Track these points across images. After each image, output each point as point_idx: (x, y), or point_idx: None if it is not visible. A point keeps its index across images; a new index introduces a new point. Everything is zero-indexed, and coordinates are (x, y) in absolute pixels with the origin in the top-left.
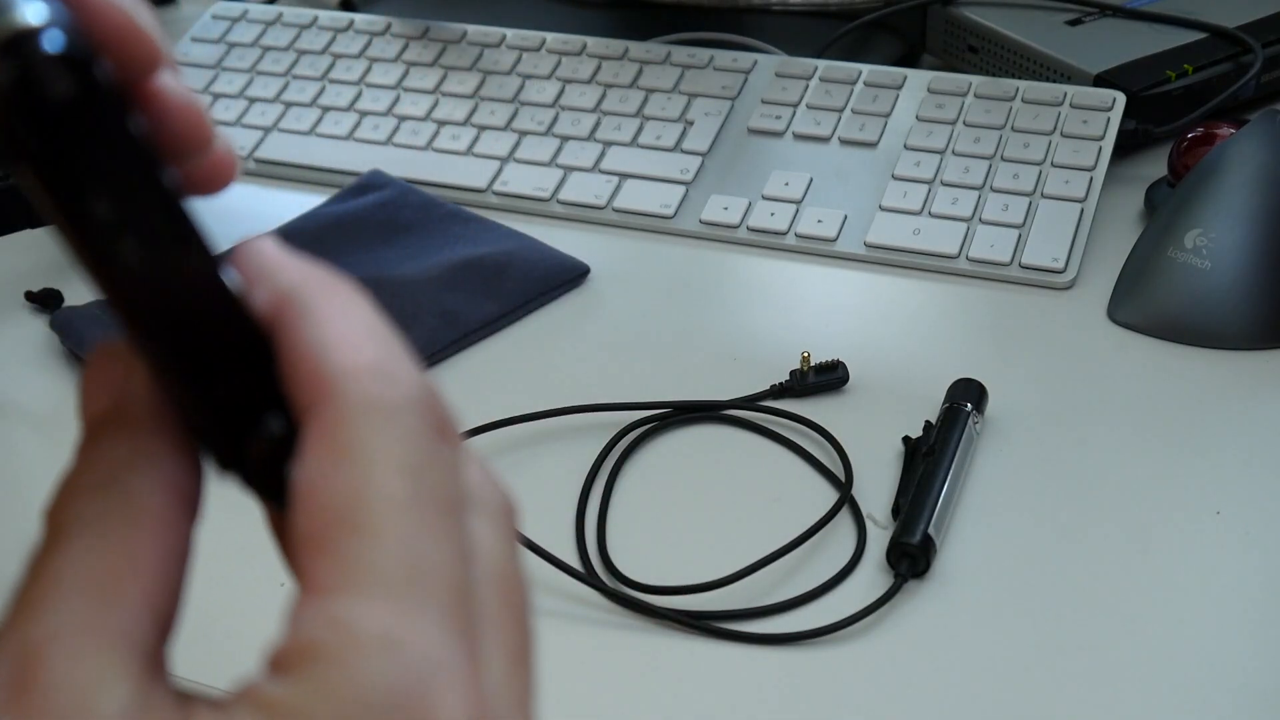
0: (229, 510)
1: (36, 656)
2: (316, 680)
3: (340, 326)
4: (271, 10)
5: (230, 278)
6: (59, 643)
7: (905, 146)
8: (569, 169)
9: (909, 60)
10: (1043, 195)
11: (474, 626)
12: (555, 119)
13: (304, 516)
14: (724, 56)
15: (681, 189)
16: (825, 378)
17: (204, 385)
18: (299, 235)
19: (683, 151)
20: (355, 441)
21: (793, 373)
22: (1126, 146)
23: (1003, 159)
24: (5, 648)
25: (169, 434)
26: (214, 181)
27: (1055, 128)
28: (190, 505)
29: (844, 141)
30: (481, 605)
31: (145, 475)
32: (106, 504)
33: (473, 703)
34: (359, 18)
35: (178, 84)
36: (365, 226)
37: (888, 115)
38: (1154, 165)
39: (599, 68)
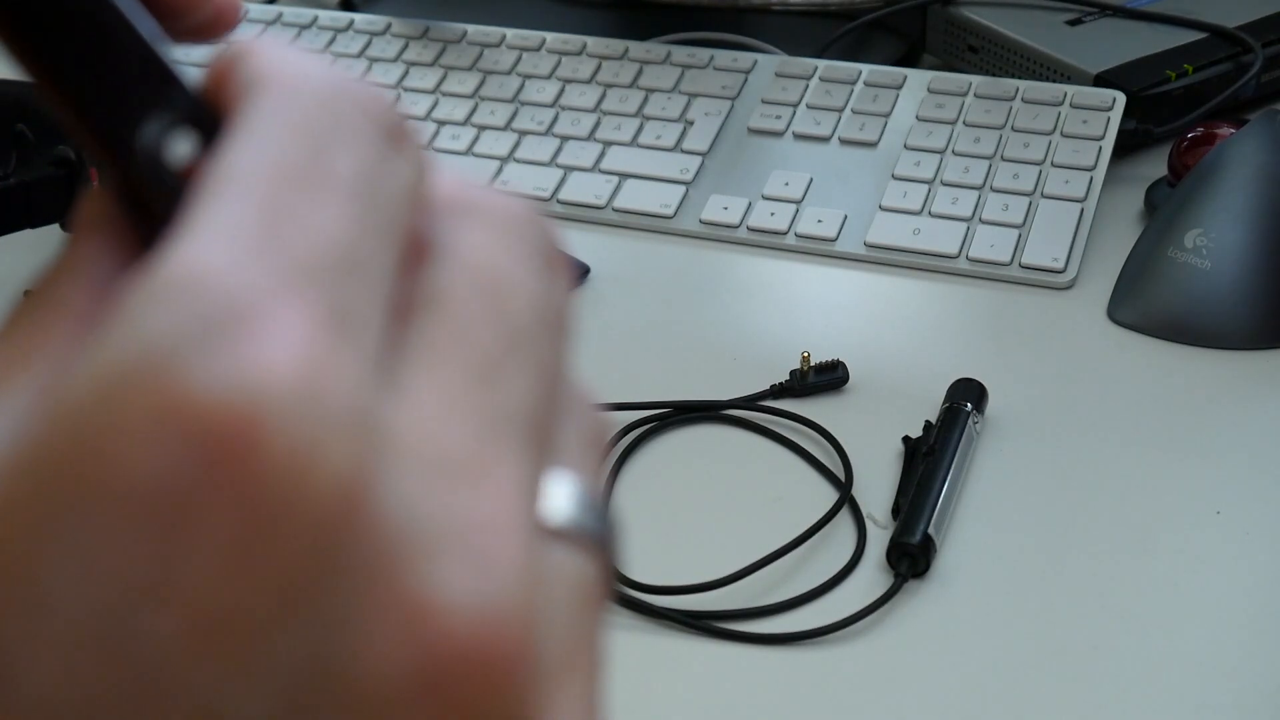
0: None
1: None
2: (90, 342)
3: (275, 53)
4: (271, 10)
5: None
6: None
7: (905, 146)
8: (569, 169)
9: (909, 60)
10: (1043, 195)
11: (357, 315)
12: (555, 119)
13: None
14: (724, 56)
15: (681, 189)
16: (825, 378)
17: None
18: None
19: (683, 151)
20: (259, 117)
21: (793, 373)
22: (1126, 146)
23: (1003, 159)
24: None
25: (117, 241)
26: (216, 25)
27: (1055, 128)
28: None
29: (844, 141)
30: (438, 304)
31: (76, 276)
32: (27, 307)
33: (306, 359)
34: (359, 17)
35: None
36: None
37: (888, 115)
38: (1154, 165)
39: (599, 68)
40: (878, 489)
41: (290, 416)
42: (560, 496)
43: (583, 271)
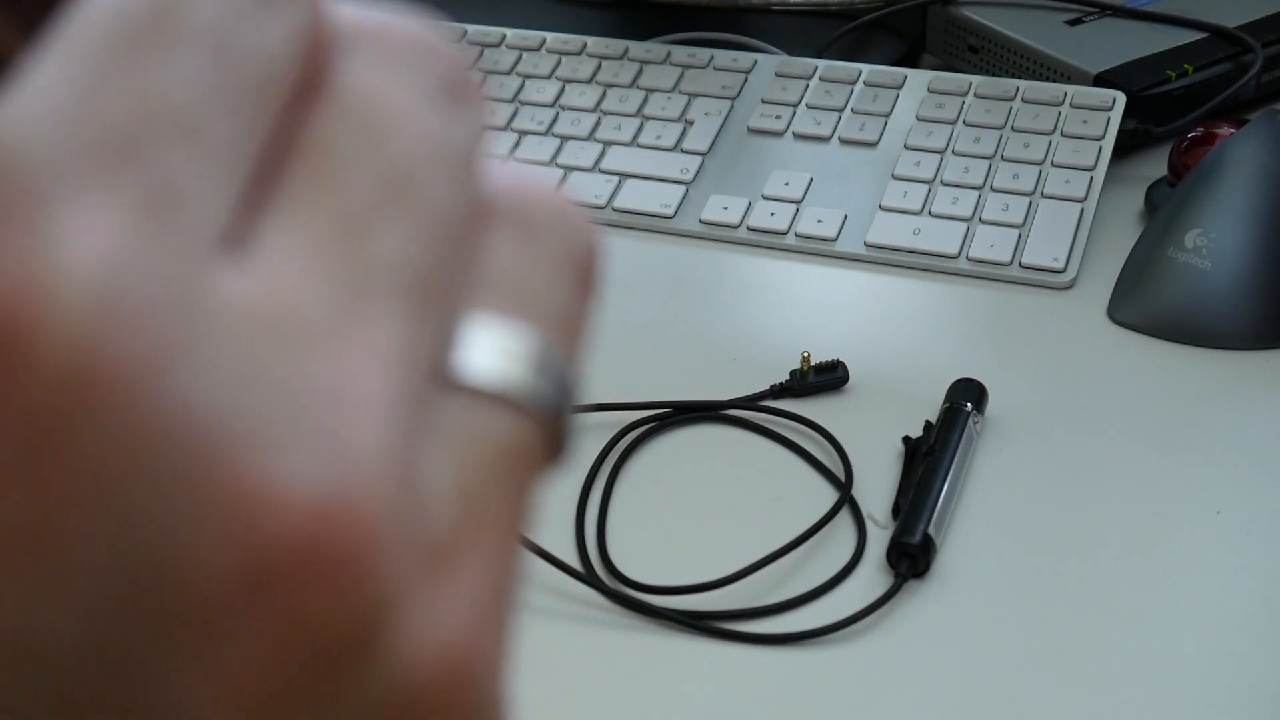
0: None
1: None
2: None
3: None
4: None
5: None
6: None
7: (905, 146)
8: (569, 169)
9: (909, 60)
10: (1043, 195)
11: (194, 186)
12: (555, 119)
13: None
14: (724, 56)
15: (681, 189)
16: (825, 378)
17: None
18: None
19: (683, 151)
20: None
21: (793, 373)
22: (1126, 146)
23: (1003, 159)
24: None
25: None
26: None
27: (1055, 128)
28: None
29: (844, 141)
30: (309, 150)
31: None
32: None
33: (80, 227)
34: None
35: None
36: None
37: (888, 115)
38: (1154, 165)
39: (599, 68)
40: (878, 489)
41: (76, 303)
42: (480, 349)
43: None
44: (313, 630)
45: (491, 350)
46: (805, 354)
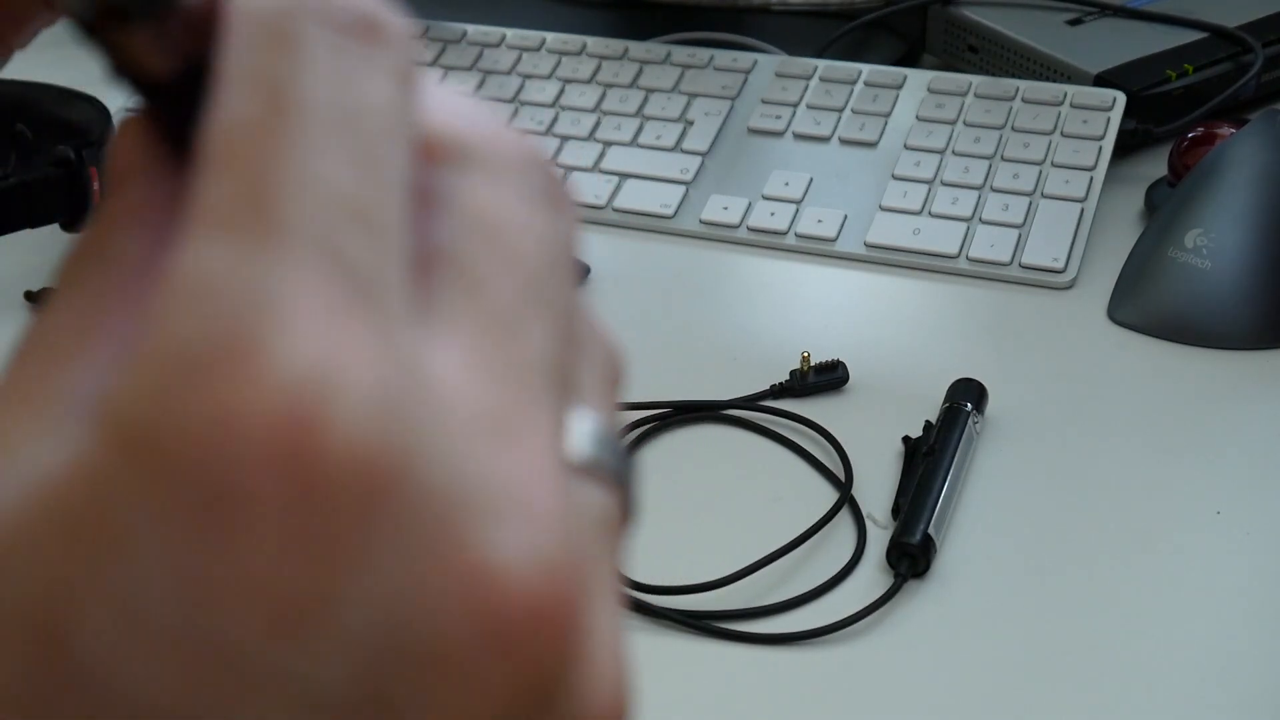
0: None
1: None
2: (134, 355)
3: None
4: None
5: None
6: None
7: (905, 146)
8: (569, 169)
9: (909, 60)
10: (1043, 195)
11: (366, 271)
12: (555, 119)
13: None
14: (724, 56)
15: (681, 189)
16: (825, 378)
17: None
18: None
19: (683, 151)
20: (224, 69)
21: (793, 373)
22: (1126, 146)
23: (1003, 159)
24: None
25: (167, 184)
26: None
27: (1055, 127)
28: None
29: (844, 141)
30: (450, 261)
31: (133, 226)
32: (88, 262)
33: (331, 348)
34: None
35: None
36: None
37: (888, 115)
38: (1154, 165)
39: (599, 68)
40: (878, 489)
41: (322, 400)
42: (582, 434)
43: (583, 271)
44: (540, 675)
45: (590, 434)
46: (805, 354)
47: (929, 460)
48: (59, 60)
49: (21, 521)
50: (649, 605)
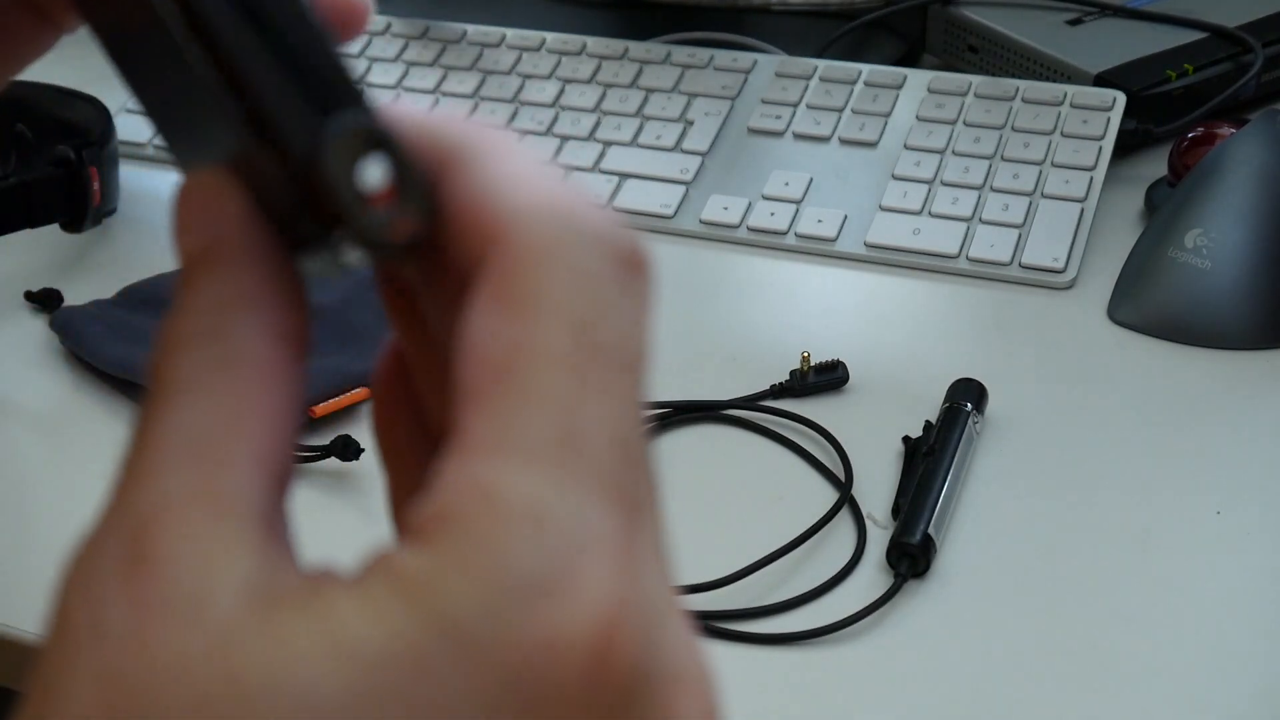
0: None
1: (147, 529)
2: (455, 554)
3: (511, 167)
4: None
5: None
6: (170, 512)
7: (905, 146)
8: (569, 169)
9: (909, 60)
10: (1043, 195)
11: (637, 501)
12: (555, 119)
13: (464, 368)
14: (724, 56)
15: (681, 189)
16: (825, 378)
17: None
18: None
19: (683, 151)
20: (524, 288)
21: (793, 373)
22: (1126, 146)
23: (1003, 159)
24: (114, 521)
25: (269, 269)
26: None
27: (1055, 127)
28: (296, 348)
29: (844, 141)
30: (650, 480)
31: (248, 319)
32: (209, 354)
33: (624, 584)
34: None
35: None
36: None
37: (888, 115)
38: (1154, 165)
39: (599, 68)
40: (878, 489)
41: (618, 628)
42: None
43: None
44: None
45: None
46: (805, 354)
47: (929, 460)
48: (59, 60)
49: (348, 690)
50: None
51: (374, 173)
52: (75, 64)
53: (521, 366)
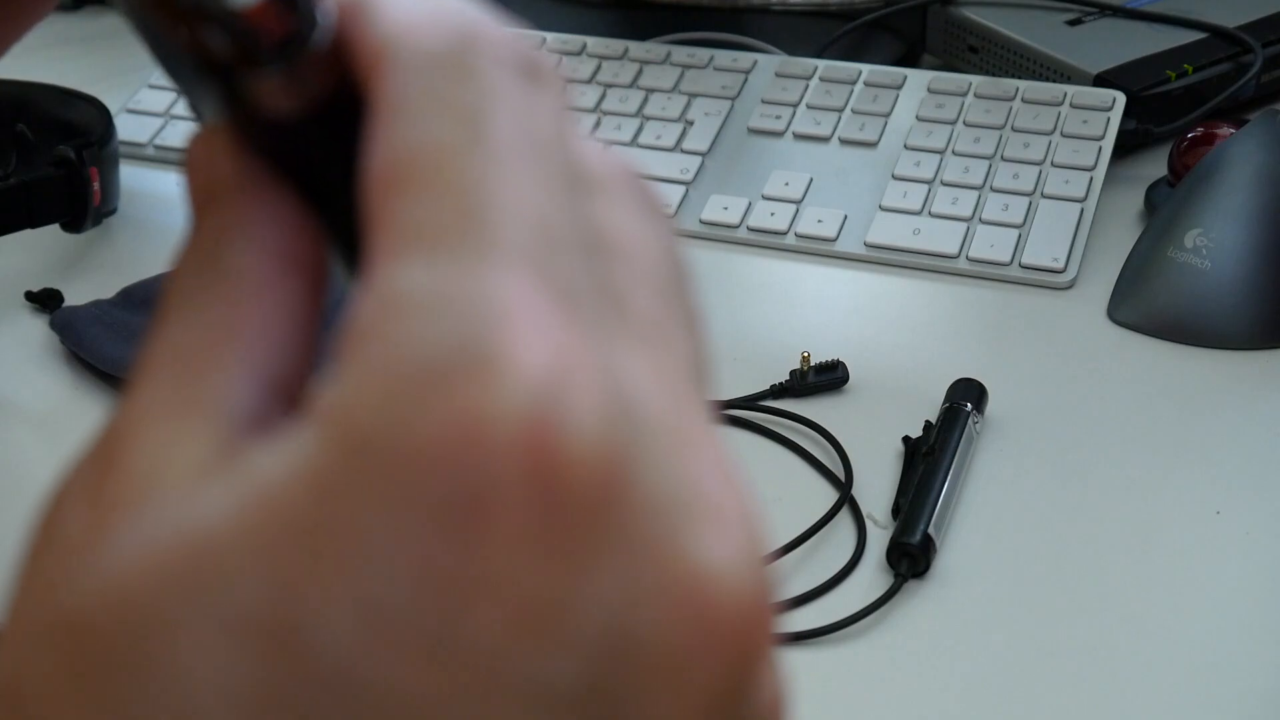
0: None
1: (119, 438)
2: (359, 365)
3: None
4: None
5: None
6: (142, 421)
7: (905, 146)
8: None
9: (909, 60)
10: (1043, 195)
11: (579, 291)
12: None
13: (363, 197)
14: (724, 56)
15: (681, 189)
16: (825, 378)
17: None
18: None
19: (683, 151)
20: (404, 96)
21: (793, 373)
22: (1126, 146)
23: (1003, 159)
24: (94, 443)
25: (268, 196)
26: None
27: (1055, 128)
28: (300, 267)
29: (844, 141)
30: (622, 296)
31: (241, 242)
32: (202, 278)
33: (570, 353)
34: None
35: None
36: None
37: (888, 115)
38: (1154, 165)
39: (599, 68)
40: (878, 489)
41: (560, 408)
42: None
43: None
44: (745, 673)
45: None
46: (805, 354)
47: (929, 460)
48: (59, 60)
49: (242, 527)
50: None
51: None
52: (75, 64)
53: (413, 166)
